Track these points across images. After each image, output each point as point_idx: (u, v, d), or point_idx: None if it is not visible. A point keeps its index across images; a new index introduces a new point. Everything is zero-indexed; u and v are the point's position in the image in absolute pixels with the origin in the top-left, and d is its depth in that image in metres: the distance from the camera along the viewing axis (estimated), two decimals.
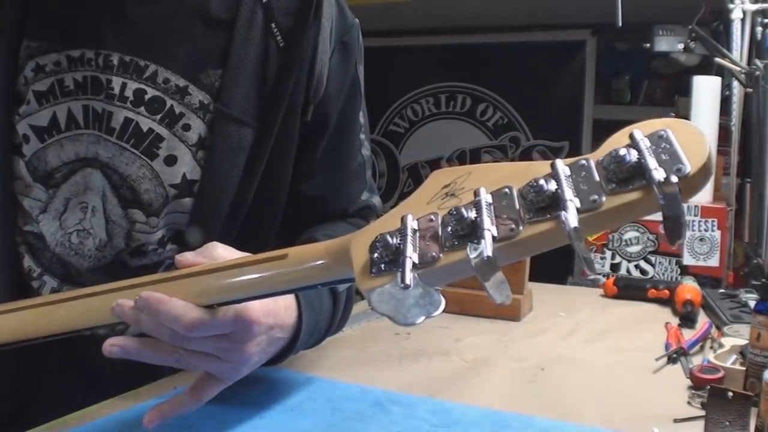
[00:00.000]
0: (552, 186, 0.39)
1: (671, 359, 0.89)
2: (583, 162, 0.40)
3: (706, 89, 1.75)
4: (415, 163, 3.26)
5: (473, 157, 3.13)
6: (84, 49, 0.73)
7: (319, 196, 0.86)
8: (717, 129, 1.75)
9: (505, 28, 2.94)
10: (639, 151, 0.38)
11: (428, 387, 0.78)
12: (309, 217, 0.86)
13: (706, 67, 1.92)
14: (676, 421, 0.70)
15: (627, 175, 0.37)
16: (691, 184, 0.37)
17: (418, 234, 0.42)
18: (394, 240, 0.43)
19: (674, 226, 0.36)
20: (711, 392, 0.66)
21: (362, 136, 0.89)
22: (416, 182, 3.25)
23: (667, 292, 1.22)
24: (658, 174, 0.36)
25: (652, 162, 0.37)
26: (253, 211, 0.78)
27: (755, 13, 1.81)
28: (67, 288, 0.77)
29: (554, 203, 0.39)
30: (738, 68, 1.76)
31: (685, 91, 1.84)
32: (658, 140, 0.38)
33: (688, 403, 0.76)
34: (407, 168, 3.28)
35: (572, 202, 0.37)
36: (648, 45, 2.01)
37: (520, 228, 0.39)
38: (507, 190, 0.41)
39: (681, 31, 1.95)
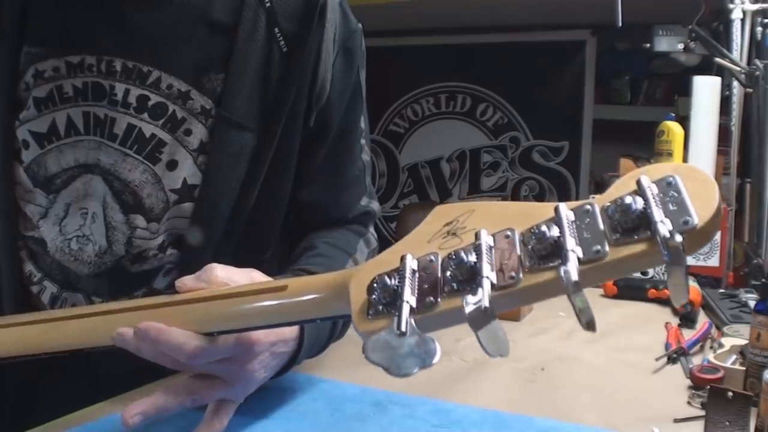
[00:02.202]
0: (554, 233, 0.38)
1: (671, 359, 0.89)
2: (588, 207, 0.39)
3: (706, 89, 1.74)
4: (415, 163, 3.25)
5: (473, 157, 3.12)
6: (84, 55, 0.73)
7: (319, 201, 0.86)
8: (717, 129, 1.74)
9: (505, 28, 2.93)
10: (645, 199, 0.37)
11: (428, 387, 0.78)
12: (308, 223, 0.86)
13: (706, 67, 1.91)
14: (676, 421, 0.71)
15: (632, 225, 0.37)
16: (699, 236, 0.36)
17: (417, 275, 0.42)
18: (393, 281, 0.42)
19: (677, 285, 0.35)
20: (711, 392, 0.66)
21: (363, 141, 0.88)
22: (416, 182, 3.25)
23: (667, 292, 1.22)
24: (663, 228, 0.35)
25: (658, 213, 0.36)
26: (255, 216, 0.78)
27: (755, 13, 1.80)
28: (66, 294, 0.77)
29: (556, 251, 0.38)
30: (738, 68, 1.75)
31: (685, 91, 1.83)
32: (666, 188, 0.37)
33: (688, 403, 0.76)
34: (407, 168, 3.27)
35: (573, 253, 0.37)
36: (648, 45, 2.01)
37: (521, 276, 0.38)
38: (509, 233, 0.40)
39: (681, 31, 1.94)
